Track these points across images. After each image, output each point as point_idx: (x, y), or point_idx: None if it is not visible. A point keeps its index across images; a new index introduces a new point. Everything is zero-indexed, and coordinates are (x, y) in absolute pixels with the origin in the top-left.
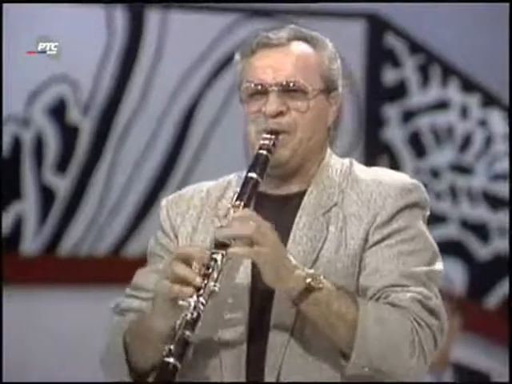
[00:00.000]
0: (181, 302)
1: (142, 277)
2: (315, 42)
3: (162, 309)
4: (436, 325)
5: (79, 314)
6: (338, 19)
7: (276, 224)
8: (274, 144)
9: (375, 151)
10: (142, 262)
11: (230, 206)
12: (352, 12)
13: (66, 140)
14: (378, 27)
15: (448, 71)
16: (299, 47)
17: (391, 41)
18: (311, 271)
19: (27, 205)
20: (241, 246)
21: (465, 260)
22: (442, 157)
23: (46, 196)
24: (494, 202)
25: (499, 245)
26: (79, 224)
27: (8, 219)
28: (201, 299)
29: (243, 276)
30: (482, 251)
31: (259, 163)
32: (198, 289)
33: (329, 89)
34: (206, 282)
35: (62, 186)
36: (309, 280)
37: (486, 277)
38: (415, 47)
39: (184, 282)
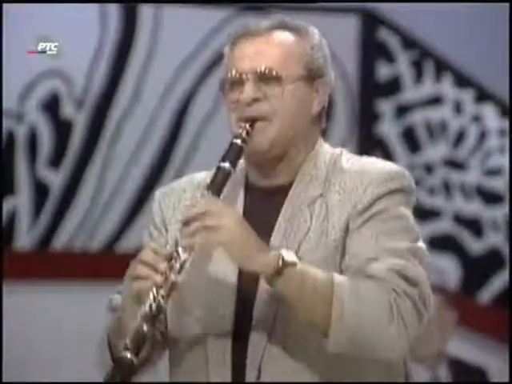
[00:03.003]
0: (143, 298)
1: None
2: (297, 30)
3: (130, 307)
4: (416, 292)
5: (73, 308)
6: (331, 15)
7: (262, 216)
8: (247, 133)
9: (369, 146)
10: (135, 257)
11: (198, 195)
12: (345, 7)
13: (60, 135)
14: (371, 22)
15: (442, 66)
16: (279, 36)
17: (385, 36)
18: (283, 250)
19: (21, 200)
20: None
21: (458, 255)
22: (435, 152)
23: (40, 191)
24: (487, 197)
25: (493, 240)
26: (73, 219)
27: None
28: (161, 291)
29: (230, 271)
30: (476, 246)
31: (231, 152)
32: (157, 283)
33: (311, 76)
34: (166, 274)
35: (55, 180)
36: (281, 257)
37: (479, 272)
38: (409, 42)
39: (143, 278)
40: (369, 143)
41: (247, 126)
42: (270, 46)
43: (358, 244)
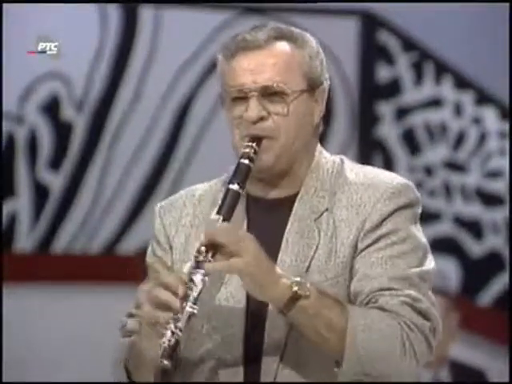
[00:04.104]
0: (160, 330)
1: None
2: (295, 39)
3: (147, 333)
4: (427, 326)
5: (73, 310)
6: (331, 17)
7: (267, 230)
8: (255, 152)
9: (369, 149)
10: (135, 259)
11: (209, 219)
12: (345, 9)
13: (60, 137)
14: (371, 24)
15: (442, 68)
16: (278, 48)
17: (384, 38)
18: (297, 279)
19: (21, 202)
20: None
21: (458, 257)
22: (435, 154)
23: (40, 193)
24: (487, 199)
25: (493, 242)
26: (73, 221)
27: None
28: (178, 325)
29: (239, 295)
30: (476, 248)
31: (240, 173)
32: (175, 314)
33: (312, 87)
34: (184, 305)
35: (55, 183)
36: (295, 288)
37: (479, 274)
38: (409, 44)
39: (162, 307)
40: (369, 146)
41: (254, 145)
42: (271, 59)
43: (368, 266)
